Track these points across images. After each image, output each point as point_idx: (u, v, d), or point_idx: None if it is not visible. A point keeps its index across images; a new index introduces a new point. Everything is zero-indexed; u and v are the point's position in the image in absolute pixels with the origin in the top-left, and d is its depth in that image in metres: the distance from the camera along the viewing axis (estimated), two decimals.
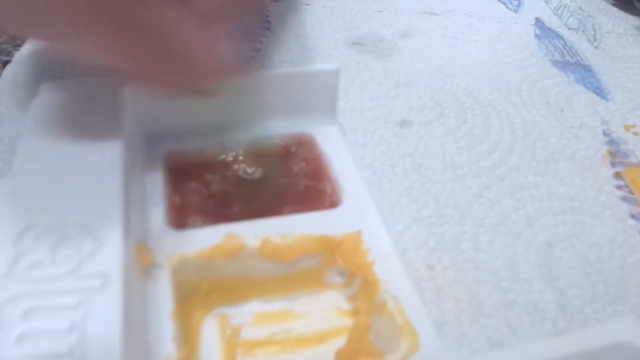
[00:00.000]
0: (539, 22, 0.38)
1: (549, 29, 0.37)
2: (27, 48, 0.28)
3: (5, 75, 0.26)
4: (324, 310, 0.18)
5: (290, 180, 0.22)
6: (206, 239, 0.18)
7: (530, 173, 0.24)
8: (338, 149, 0.22)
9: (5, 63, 0.27)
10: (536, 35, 0.36)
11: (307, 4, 0.35)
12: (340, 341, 0.17)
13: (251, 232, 0.18)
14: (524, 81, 0.30)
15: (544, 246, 0.21)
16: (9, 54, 0.28)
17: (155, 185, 0.20)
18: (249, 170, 0.21)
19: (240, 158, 0.22)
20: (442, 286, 0.19)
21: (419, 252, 0.20)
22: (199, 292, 0.18)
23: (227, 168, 0.22)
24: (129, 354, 0.13)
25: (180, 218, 0.19)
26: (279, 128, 0.22)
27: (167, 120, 0.21)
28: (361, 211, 0.20)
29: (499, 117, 0.27)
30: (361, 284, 0.18)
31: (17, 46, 0.28)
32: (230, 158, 0.22)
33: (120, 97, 0.20)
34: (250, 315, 0.18)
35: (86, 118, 0.19)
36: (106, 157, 0.17)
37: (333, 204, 0.21)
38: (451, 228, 0.21)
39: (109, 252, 0.14)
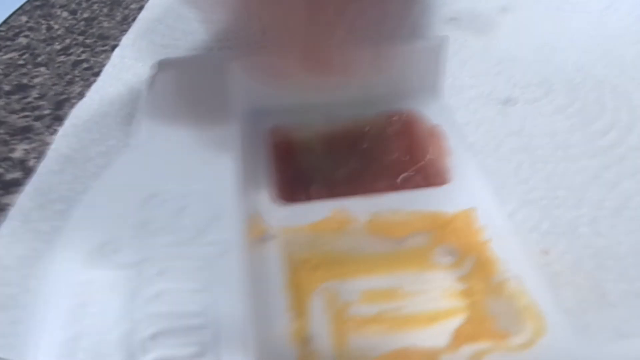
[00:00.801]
0: None
1: None
2: (132, 32, 0.29)
3: (113, 59, 0.27)
4: (432, 289, 0.17)
5: (398, 156, 0.21)
6: (315, 213, 0.18)
7: None
8: (445, 126, 0.22)
9: (114, 47, 0.28)
10: None
11: None
12: (453, 322, 0.16)
13: (360, 208, 0.18)
14: None
15: None
16: (117, 38, 0.29)
17: (263, 159, 0.20)
18: (356, 144, 0.21)
19: (347, 133, 0.21)
20: (559, 272, 0.18)
21: (531, 235, 0.19)
22: (307, 265, 0.18)
23: (334, 143, 0.21)
24: (252, 318, 0.13)
25: (288, 192, 0.19)
26: (382, 105, 0.22)
27: (272, 96, 0.22)
28: (472, 189, 0.19)
29: (615, 94, 0.25)
30: (475, 264, 0.17)
31: (124, 31, 0.30)
32: (336, 133, 0.21)
33: (228, 74, 0.20)
34: (358, 293, 0.17)
35: (200, 93, 0.19)
36: (221, 130, 0.18)
37: (442, 181, 0.20)
38: (566, 211, 0.20)
39: (228, 221, 0.15)
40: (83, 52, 0.28)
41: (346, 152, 0.21)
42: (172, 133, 0.18)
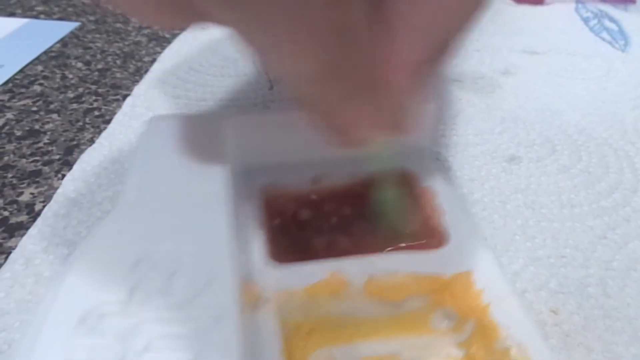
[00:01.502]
0: None
1: None
2: (145, 83, 0.30)
3: (124, 107, 0.28)
4: (432, 356, 0.17)
5: (396, 217, 0.21)
6: (309, 275, 0.17)
7: None
8: (441, 186, 0.22)
9: (126, 96, 0.29)
10: None
11: None
12: None
13: (355, 270, 0.18)
14: None
15: None
16: (129, 88, 0.30)
17: (255, 219, 0.20)
18: (350, 205, 0.21)
19: (339, 193, 0.21)
20: (569, 333, 0.17)
21: (539, 294, 0.19)
22: (301, 331, 0.17)
23: (326, 203, 0.21)
24: None
25: (281, 253, 0.19)
26: (377, 164, 0.22)
27: (264, 154, 0.22)
28: (471, 250, 0.19)
29: (617, 156, 0.25)
30: (475, 329, 0.17)
31: (137, 82, 0.30)
32: (328, 193, 0.21)
33: (222, 132, 0.20)
34: (355, 359, 0.17)
35: (192, 152, 0.19)
36: (213, 190, 0.17)
37: (439, 242, 0.19)
38: (574, 270, 0.19)
39: (222, 285, 0.14)
40: (95, 100, 0.29)
41: (340, 212, 0.21)
42: (163, 193, 0.17)
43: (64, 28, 0.36)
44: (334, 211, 0.21)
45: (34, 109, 0.28)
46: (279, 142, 0.22)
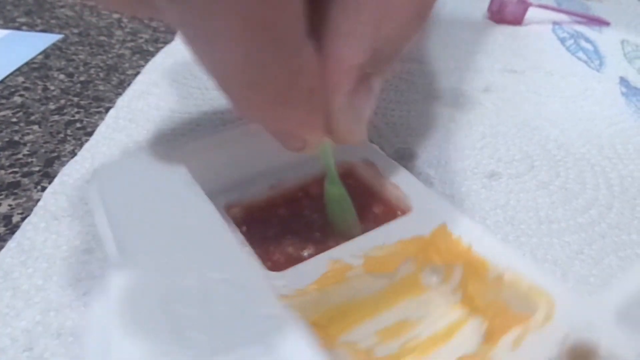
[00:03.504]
0: (624, 81, 0.37)
1: (635, 88, 0.36)
2: (128, 95, 0.30)
3: (107, 120, 0.28)
4: (437, 309, 0.18)
5: (355, 202, 0.21)
6: (309, 273, 0.18)
7: (634, 232, 0.23)
8: (388, 167, 0.22)
9: (108, 109, 0.29)
10: (623, 94, 0.35)
11: None
12: (468, 328, 0.17)
13: (348, 253, 0.18)
14: (616, 136, 0.29)
15: None
16: (112, 101, 0.30)
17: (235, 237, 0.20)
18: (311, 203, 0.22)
19: (299, 194, 0.22)
20: None
21: None
22: (319, 326, 0.17)
23: (291, 205, 0.22)
24: None
25: (275, 259, 0.19)
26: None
27: (221, 174, 0.21)
28: (434, 210, 0.20)
29: (594, 172, 0.26)
30: (464, 271, 0.18)
31: (119, 94, 0.30)
32: (290, 196, 0.22)
33: (177, 164, 0.19)
34: (373, 336, 0.17)
35: (157, 189, 0.18)
36: (207, 221, 0.17)
37: (403, 212, 0.20)
38: None
39: (267, 306, 0.14)
40: (77, 112, 0.29)
41: (307, 209, 0.21)
42: (158, 233, 0.16)
43: (47, 40, 0.36)
44: (300, 211, 0.22)
45: (14, 120, 0.28)
46: (231, 160, 0.22)
